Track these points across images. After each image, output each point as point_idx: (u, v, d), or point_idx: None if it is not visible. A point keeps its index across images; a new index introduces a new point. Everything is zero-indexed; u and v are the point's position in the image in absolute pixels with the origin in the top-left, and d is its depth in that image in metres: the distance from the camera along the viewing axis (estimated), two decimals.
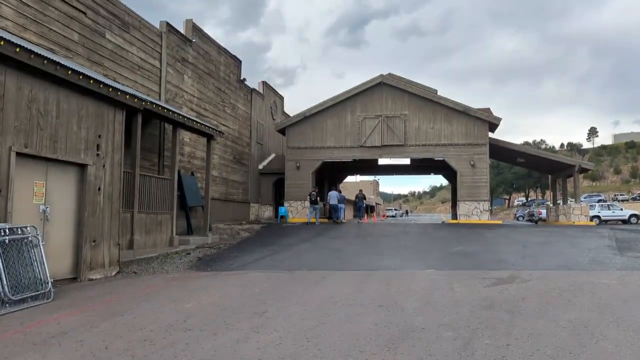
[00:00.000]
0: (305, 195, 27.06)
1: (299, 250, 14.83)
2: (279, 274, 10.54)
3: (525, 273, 10.03)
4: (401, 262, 12.11)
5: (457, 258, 12.51)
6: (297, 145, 27.50)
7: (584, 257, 12.08)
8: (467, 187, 25.81)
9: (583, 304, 7.14)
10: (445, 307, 7.06)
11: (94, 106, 10.02)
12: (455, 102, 26.13)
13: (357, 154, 27.17)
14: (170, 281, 9.73)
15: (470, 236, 17.70)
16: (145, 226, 13.86)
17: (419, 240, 16.77)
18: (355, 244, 15.94)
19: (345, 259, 12.81)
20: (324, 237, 18.25)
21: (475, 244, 15.17)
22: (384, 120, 26.70)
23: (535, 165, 31.69)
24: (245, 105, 26.97)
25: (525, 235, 17.45)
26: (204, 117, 21.50)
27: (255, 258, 13.28)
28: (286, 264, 12.13)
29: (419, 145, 26.50)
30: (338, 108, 27.29)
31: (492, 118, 25.88)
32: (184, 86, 20.12)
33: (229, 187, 24.72)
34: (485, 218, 25.54)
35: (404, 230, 20.15)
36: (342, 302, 7.43)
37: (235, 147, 25.50)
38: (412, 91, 26.54)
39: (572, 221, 25.84)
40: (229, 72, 24.63)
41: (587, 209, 26.56)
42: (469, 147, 25.96)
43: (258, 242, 17.15)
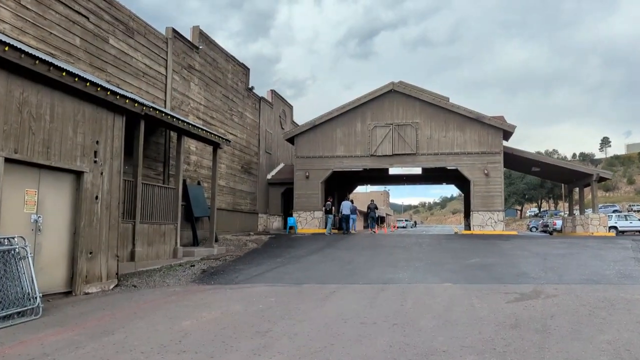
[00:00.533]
0: (314, 206, 26.49)
1: (308, 262, 14.22)
2: (286, 287, 9.93)
3: (550, 287, 9.34)
4: (415, 275, 11.46)
5: (474, 271, 11.83)
6: (306, 154, 26.97)
7: (610, 270, 11.35)
8: (481, 197, 25.08)
9: (619, 322, 6.46)
10: (466, 325, 6.42)
11: (91, 111, 9.54)
12: (468, 110, 25.50)
13: (367, 163, 26.58)
14: (169, 296, 9.16)
15: (485, 247, 16.98)
16: (148, 237, 13.33)
17: (432, 251, 16.09)
18: (366, 256, 15.30)
19: (356, 271, 12.18)
20: (333, 248, 17.63)
21: (492, 256, 14.46)
22: (395, 129, 26.12)
23: (551, 174, 30.88)
24: (254, 113, 26.53)
25: (544, 247, 16.70)
26: (210, 126, 21.05)
27: (262, 271, 12.68)
28: (294, 276, 11.53)
29: (431, 154, 25.86)
30: (348, 116, 26.77)
31: (506, 126, 25.20)
32: (190, 94, 19.71)
33: (237, 197, 24.21)
34: (500, 228, 24.77)
35: (416, 242, 19.47)
36: (352, 319, 6.81)
37: (243, 156, 25.02)
38: (424, 99, 25.95)
39: (590, 232, 24.98)
40: (236, 80, 24.22)
41: (605, 220, 25.70)
42: (483, 156, 25.27)
43: (265, 254, 16.56)
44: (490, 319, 6.75)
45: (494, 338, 5.80)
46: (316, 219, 26.40)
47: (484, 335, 5.95)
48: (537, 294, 8.69)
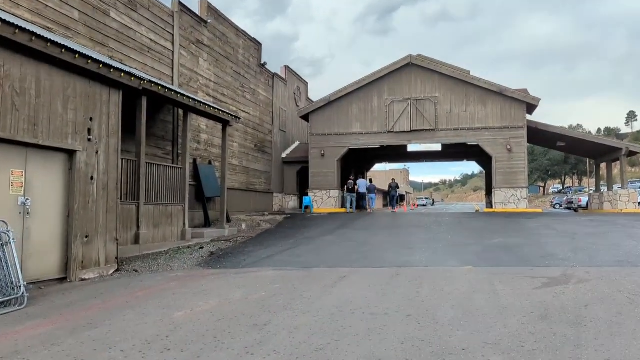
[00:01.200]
0: (330, 185, 25.82)
1: (321, 243, 13.59)
2: (294, 272, 9.31)
3: (581, 270, 8.54)
4: (433, 257, 10.74)
5: (497, 252, 11.05)
6: (321, 132, 26.20)
7: None
8: (504, 174, 24.09)
9: None
10: (489, 317, 5.71)
11: (84, 85, 8.92)
12: (489, 83, 24.36)
13: (384, 140, 25.71)
14: (170, 282, 8.61)
15: (509, 226, 16.14)
16: (154, 219, 12.82)
17: (452, 231, 15.32)
18: (382, 236, 14.61)
19: (370, 253, 11.51)
20: (349, 228, 16.97)
21: (516, 236, 13.64)
22: (413, 104, 25.14)
23: (577, 149, 29.59)
24: (267, 90, 25.76)
25: (572, 225, 15.79)
26: (221, 103, 20.39)
27: (272, 253, 12.09)
28: (304, 259, 10.90)
29: (450, 130, 24.87)
30: (364, 92, 25.84)
31: (530, 99, 24.03)
32: (199, 70, 19.02)
33: (250, 176, 23.63)
34: (523, 206, 23.81)
35: (436, 221, 18.69)
36: (361, 309, 6.15)
37: (256, 134, 24.36)
38: (443, 72, 24.87)
39: (619, 209, 23.85)
40: (248, 55, 23.44)
41: (635, 196, 24.48)
42: (505, 131, 24.20)
43: (278, 235, 15.99)
44: (516, 309, 6.02)
45: (520, 333, 5.08)
46: (332, 198, 25.74)
47: (510, 328, 5.23)
48: (568, 278, 7.90)
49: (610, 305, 6.10)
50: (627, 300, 6.29)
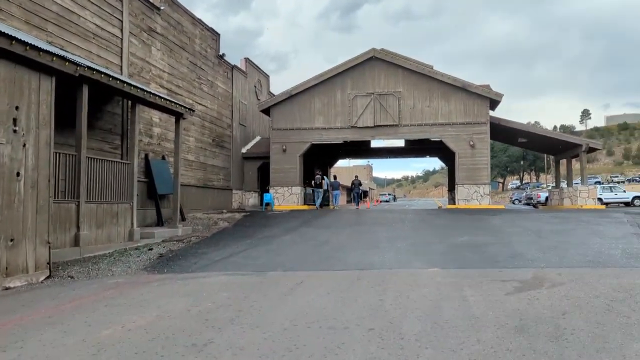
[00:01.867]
0: (292, 181, 25.07)
1: (280, 243, 12.84)
2: (247, 277, 8.54)
3: (552, 272, 8.08)
4: (398, 257, 10.15)
5: (463, 251, 10.55)
6: (282, 126, 25.41)
7: (614, 249, 10.15)
8: (466, 170, 23.87)
9: None
10: (460, 330, 5.09)
11: (8, 70, 7.88)
12: (453, 78, 24.08)
13: (348, 135, 25.12)
14: (106, 290, 7.70)
15: (473, 223, 15.77)
16: (97, 218, 11.79)
17: (417, 229, 14.83)
18: (345, 235, 13.98)
19: (331, 254, 10.83)
20: (311, 227, 16.28)
21: (482, 233, 13.23)
22: (377, 99, 24.63)
23: (538, 145, 29.76)
24: (226, 83, 24.77)
25: (536, 222, 15.54)
26: (176, 95, 19.35)
27: (226, 254, 11.27)
28: (260, 262, 10.13)
29: (414, 125, 24.49)
30: (327, 85, 25.18)
31: (493, 94, 23.87)
32: (151, 60, 17.92)
33: (208, 172, 22.64)
34: (486, 202, 23.66)
35: (399, 218, 18.20)
36: (319, 323, 5.44)
37: (214, 128, 23.36)
38: (406, 66, 24.45)
39: (578, 205, 23.99)
40: (205, 46, 22.40)
41: (594, 192, 24.72)
42: (468, 127, 23.98)
43: (235, 234, 15.16)
44: (489, 319, 5.43)
45: (497, 350, 4.48)
46: (294, 195, 25.01)
47: (484, 344, 4.62)
48: (540, 281, 7.41)
49: (589, 313, 5.58)
50: (605, 308, 5.79)
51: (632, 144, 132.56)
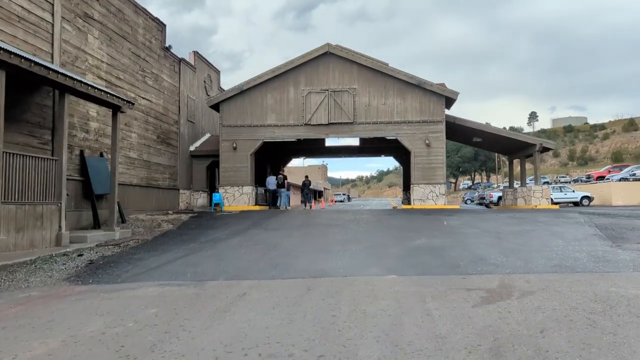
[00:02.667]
0: (243, 180, 23.98)
1: (226, 247, 11.83)
2: (183, 288, 7.51)
3: (519, 279, 7.45)
4: (352, 262, 9.34)
5: (422, 255, 9.85)
6: (233, 123, 24.27)
7: (579, 252, 9.68)
8: (422, 169, 23.44)
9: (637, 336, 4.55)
10: (425, 354, 4.29)
11: None
12: (409, 75, 23.60)
13: (301, 132, 24.24)
14: (13, 307, 6.52)
15: (430, 225, 15.20)
16: (16, 221, 10.46)
17: (372, 230, 14.10)
18: (297, 237, 13.09)
19: (281, 259, 9.91)
20: (260, 228, 15.30)
21: (440, 235, 12.62)
22: (331, 95, 23.86)
23: (492, 145, 29.78)
24: (172, 77, 23.42)
25: (493, 223, 15.12)
26: (116, 88, 17.97)
27: (165, 260, 10.17)
28: (201, 269, 9.11)
29: (369, 123, 23.86)
30: (280, 81, 24.21)
31: (449, 92, 23.53)
32: (88, 48, 16.48)
33: (153, 171, 21.26)
34: (442, 202, 23.30)
35: (354, 219, 17.47)
36: (258, 348, 4.53)
37: (159, 124, 21.99)
38: (362, 62, 23.79)
39: (532, 205, 23.98)
40: (150, 36, 21.02)
41: (548, 192, 24.79)
42: (424, 125, 23.56)
43: (178, 237, 14.02)
44: (458, 339, 4.66)
45: None
46: (245, 195, 23.91)
47: None
48: (508, 290, 6.74)
49: (570, 330, 4.89)
50: (586, 323, 5.13)
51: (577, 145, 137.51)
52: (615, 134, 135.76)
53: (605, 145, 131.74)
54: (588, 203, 38.33)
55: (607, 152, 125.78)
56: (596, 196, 37.85)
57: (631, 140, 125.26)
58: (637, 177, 39.70)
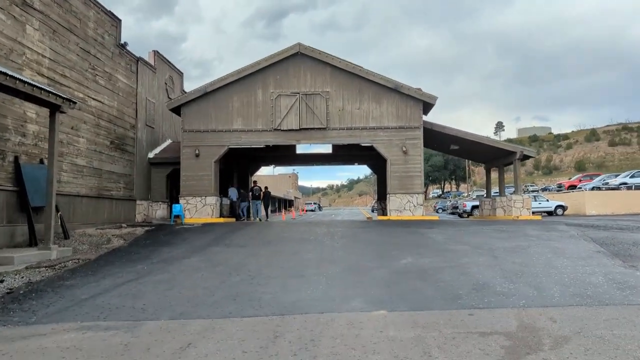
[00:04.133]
0: (205, 190, 22.13)
1: (180, 269, 10.05)
2: (110, 334, 5.73)
3: (540, 316, 5.95)
4: (330, 291, 7.70)
5: (412, 280, 8.29)
6: (195, 127, 22.43)
7: (593, 276, 8.27)
8: (399, 178, 22.05)
9: None
10: None
11: None
12: (385, 78, 22.24)
13: (270, 138, 22.56)
14: None
15: (413, 239, 13.71)
16: None
17: (350, 246, 12.51)
18: (264, 257, 11.39)
19: (243, 287, 8.21)
20: (223, 245, 13.56)
21: (427, 253, 11.11)
22: (303, 99, 22.29)
23: (470, 153, 28.67)
24: (129, 77, 21.46)
25: (482, 237, 13.72)
26: (61, 87, 16.01)
27: (101, 289, 8.34)
28: (142, 302, 7.32)
29: (343, 129, 22.37)
30: (247, 83, 22.52)
31: (427, 97, 22.25)
32: (26, 41, 14.50)
33: (104, 180, 19.22)
34: (420, 213, 21.92)
35: (327, 232, 15.86)
36: None
37: (113, 128, 19.99)
38: (335, 64, 22.32)
39: (513, 215, 22.82)
40: (102, 32, 19.07)
41: (529, 202, 23.70)
42: (401, 131, 22.20)
43: (127, 256, 12.17)
44: None
45: None
46: (209, 206, 22.04)
47: None
48: (534, 334, 5.21)
49: None
50: None
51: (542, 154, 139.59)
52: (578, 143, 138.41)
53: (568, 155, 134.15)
54: (562, 212, 37.67)
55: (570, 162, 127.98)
56: (569, 205, 37.28)
57: (593, 150, 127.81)
58: (610, 187, 39.37)
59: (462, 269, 9.11)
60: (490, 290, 7.38)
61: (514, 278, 8.19)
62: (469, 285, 7.74)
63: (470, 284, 7.78)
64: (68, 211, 16.49)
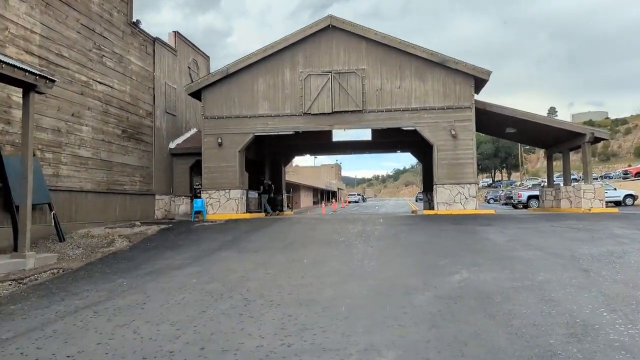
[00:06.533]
0: (230, 183, 20.01)
1: (162, 287, 7.78)
2: None
3: None
4: (348, 331, 5.19)
5: (471, 314, 5.66)
6: (217, 113, 20.29)
7: None
8: (447, 166, 19.20)
9: None
10: None
11: None
12: (429, 51, 19.38)
13: (300, 124, 20.14)
14: None
15: (466, 241, 11.00)
16: None
17: (386, 253, 9.94)
18: (275, 267, 9.00)
19: (224, 323, 5.80)
20: (234, 250, 11.32)
21: (487, 263, 8.41)
22: (335, 78, 19.74)
23: (529, 136, 25.34)
24: (144, 59, 19.48)
25: (556, 238, 10.85)
26: (59, 68, 14.12)
27: (38, 322, 6.14)
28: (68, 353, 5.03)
29: (381, 111, 19.69)
30: (273, 62, 20.16)
31: (479, 71, 19.24)
32: (8, 13, 12.59)
33: (116, 173, 17.32)
34: (472, 206, 19.04)
35: (363, 231, 13.35)
36: None
37: (125, 116, 18.05)
38: (371, 37, 19.60)
39: (583, 208, 19.54)
40: (110, 7, 17.09)
41: (602, 192, 20.33)
42: (449, 112, 19.33)
43: (116, 265, 10.12)
44: None
45: None
46: (233, 200, 19.88)
47: None
48: None
49: None
50: None
51: None
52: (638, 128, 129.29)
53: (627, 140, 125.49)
54: (632, 202, 33.72)
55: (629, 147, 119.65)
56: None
57: None
58: None
59: (542, 292, 6.39)
60: (599, 337, 4.67)
61: (628, 311, 5.43)
62: (562, 326, 5.05)
63: (564, 325, 5.08)
64: (69, 209, 14.65)
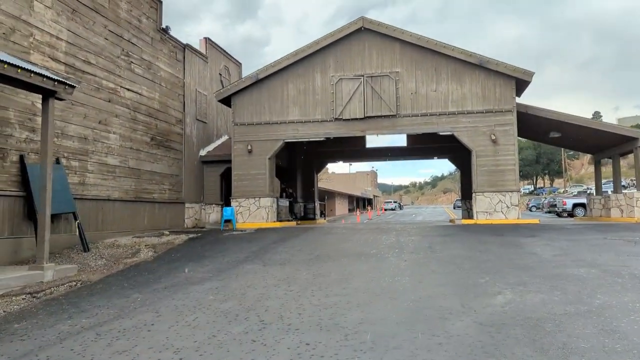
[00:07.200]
0: (260, 191, 19.51)
1: (174, 306, 7.23)
2: None
3: None
4: None
5: (518, 347, 4.84)
6: (247, 120, 19.85)
7: None
8: (487, 173, 18.17)
9: None
10: None
11: None
12: (467, 52, 18.44)
13: (331, 130, 19.49)
14: None
15: (509, 255, 10.07)
16: None
17: (420, 268, 9.13)
18: (298, 284, 8.33)
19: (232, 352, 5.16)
20: (259, 262, 10.72)
21: (535, 282, 7.51)
22: (368, 82, 19.02)
23: (575, 141, 23.93)
24: (173, 66, 19.24)
25: (610, 253, 9.80)
26: (85, 75, 13.94)
27: (36, 344, 5.66)
28: None
29: (416, 116, 18.84)
30: (304, 66, 19.61)
31: (521, 72, 18.17)
32: (34, 20, 12.42)
33: (144, 181, 17.05)
34: (514, 216, 17.93)
35: (396, 242, 12.55)
36: None
37: (155, 123, 17.80)
38: (405, 39, 18.81)
39: (636, 217, 18.14)
40: (138, 13, 16.90)
41: None
42: (488, 116, 18.32)
43: (135, 278, 9.69)
44: None
45: None
46: (263, 209, 19.36)
47: None
48: None
49: None
50: None
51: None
52: None
53: None
54: None
55: None
56: None
57: None
58: None
59: (601, 320, 5.50)
60: None
61: None
62: None
63: None
64: (95, 218, 14.40)
